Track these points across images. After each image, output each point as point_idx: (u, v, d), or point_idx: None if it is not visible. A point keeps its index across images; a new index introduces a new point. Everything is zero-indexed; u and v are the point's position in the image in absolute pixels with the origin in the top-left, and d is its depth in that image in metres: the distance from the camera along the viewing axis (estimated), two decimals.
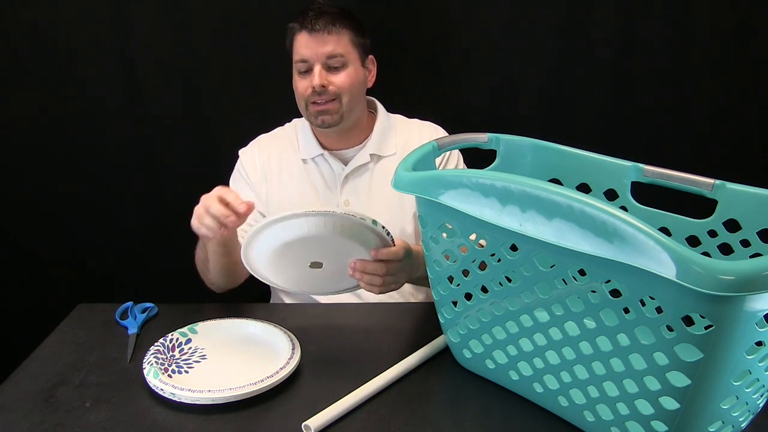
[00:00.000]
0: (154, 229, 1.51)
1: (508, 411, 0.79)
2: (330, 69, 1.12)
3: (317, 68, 1.11)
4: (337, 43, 1.11)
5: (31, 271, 1.55)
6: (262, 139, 1.26)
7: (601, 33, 1.39)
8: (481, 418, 0.78)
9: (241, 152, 1.25)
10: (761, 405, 0.69)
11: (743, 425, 0.69)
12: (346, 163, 1.21)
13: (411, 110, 1.31)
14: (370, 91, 1.23)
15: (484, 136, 0.95)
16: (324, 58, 1.11)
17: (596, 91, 1.43)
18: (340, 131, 1.18)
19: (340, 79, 1.12)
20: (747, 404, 0.66)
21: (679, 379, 0.61)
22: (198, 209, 0.91)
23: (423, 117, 1.29)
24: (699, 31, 1.38)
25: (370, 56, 1.20)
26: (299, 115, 1.20)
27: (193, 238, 1.26)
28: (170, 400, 0.79)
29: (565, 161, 0.92)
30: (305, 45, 1.11)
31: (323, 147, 1.21)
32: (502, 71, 1.44)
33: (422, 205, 0.80)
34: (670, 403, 0.63)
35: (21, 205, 1.50)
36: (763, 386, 0.65)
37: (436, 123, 1.27)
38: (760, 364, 0.61)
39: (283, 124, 1.28)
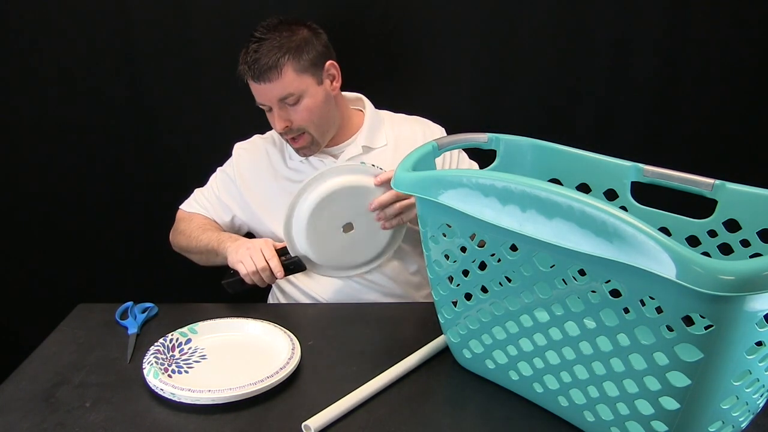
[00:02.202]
0: (154, 230, 1.51)
1: (508, 411, 0.79)
2: (288, 105, 1.11)
3: (275, 112, 1.11)
4: (282, 84, 1.08)
5: (31, 271, 1.55)
6: (257, 139, 1.27)
7: (601, 32, 1.39)
8: (481, 418, 0.78)
9: (238, 147, 1.26)
10: (761, 405, 0.69)
11: (743, 425, 0.69)
12: (337, 157, 1.21)
13: (411, 111, 1.31)
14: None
15: (484, 136, 0.95)
16: (276, 100, 1.09)
17: (596, 91, 1.43)
18: None
19: (299, 116, 1.11)
20: (747, 404, 0.66)
21: (679, 379, 0.61)
22: (248, 254, 1.04)
23: (423, 117, 1.29)
24: (698, 31, 1.38)
25: (329, 62, 1.13)
26: None
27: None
28: (170, 400, 0.79)
29: (565, 161, 0.92)
30: (255, 92, 1.11)
31: None
32: (502, 71, 1.43)
33: (422, 205, 0.81)
34: (670, 403, 0.63)
35: (21, 205, 1.50)
36: (763, 386, 0.65)
37: (436, 123, 1.27)
38: (760, 364, 0.61)
39: None
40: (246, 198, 1.22)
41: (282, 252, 1.08)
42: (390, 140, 1.22)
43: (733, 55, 1.39)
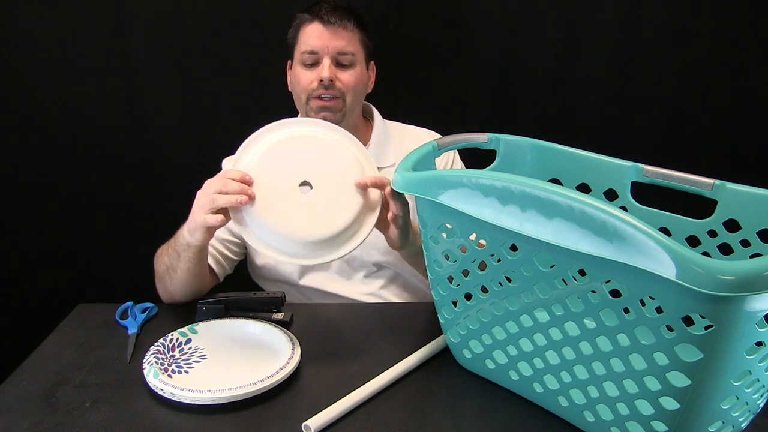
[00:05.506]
0: (154, 229, 1.51)
1: (508, 411, 0.79)
2: (338, 65, 1.11)
3: (326, 61, 1.09)
4: (350, 39, 1.11)
5: (31, 271, 1.55)
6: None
7: (601, 33, 1.39)
8: (481, 418, 0.78)
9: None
10: (761, 405, 0.69)
11: (743, 425, 0.69)
12: None
13: (411, 110, 1.31)
14: (367, 96, 1.23)
15: (484, 136, 0.95)
16: (335, 51, 1.09)
17: (596, 90, 1.43)
18: None
19: (347, 77, 1.11)
20: (747, 404, 0.66)
21: (679, 380, 0.61)
22: (207, 192, 0.87)
23: (423, 117, 1.29)
24: (699, 31, 1.38)
25: (372, 62, 1.20)
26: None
27: None
28: (170, 400, 0.79)
29: (565, 161, 0.92)
30: (317, 36, 1.09)
31: None
32: (502, 71, 1.44)
33: (422, 205, 0.81)
34: (670, 403, 0.63)
35: (21, 205, 1.50)
36: (763, 386, 0.65)
37: (435, 122, 1.26)
38: (760, 364, 0.61)
39: None
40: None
41: None
42: (398, 160, 1.19)
43: (734, 55, 1.39)
